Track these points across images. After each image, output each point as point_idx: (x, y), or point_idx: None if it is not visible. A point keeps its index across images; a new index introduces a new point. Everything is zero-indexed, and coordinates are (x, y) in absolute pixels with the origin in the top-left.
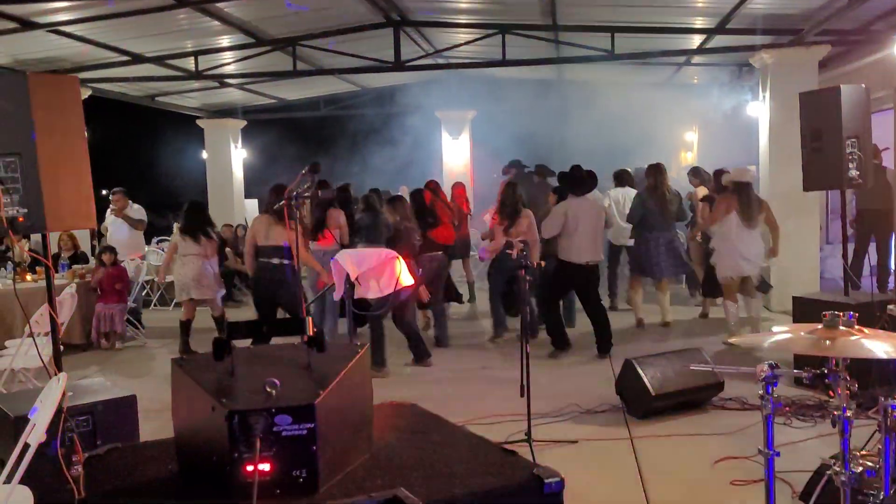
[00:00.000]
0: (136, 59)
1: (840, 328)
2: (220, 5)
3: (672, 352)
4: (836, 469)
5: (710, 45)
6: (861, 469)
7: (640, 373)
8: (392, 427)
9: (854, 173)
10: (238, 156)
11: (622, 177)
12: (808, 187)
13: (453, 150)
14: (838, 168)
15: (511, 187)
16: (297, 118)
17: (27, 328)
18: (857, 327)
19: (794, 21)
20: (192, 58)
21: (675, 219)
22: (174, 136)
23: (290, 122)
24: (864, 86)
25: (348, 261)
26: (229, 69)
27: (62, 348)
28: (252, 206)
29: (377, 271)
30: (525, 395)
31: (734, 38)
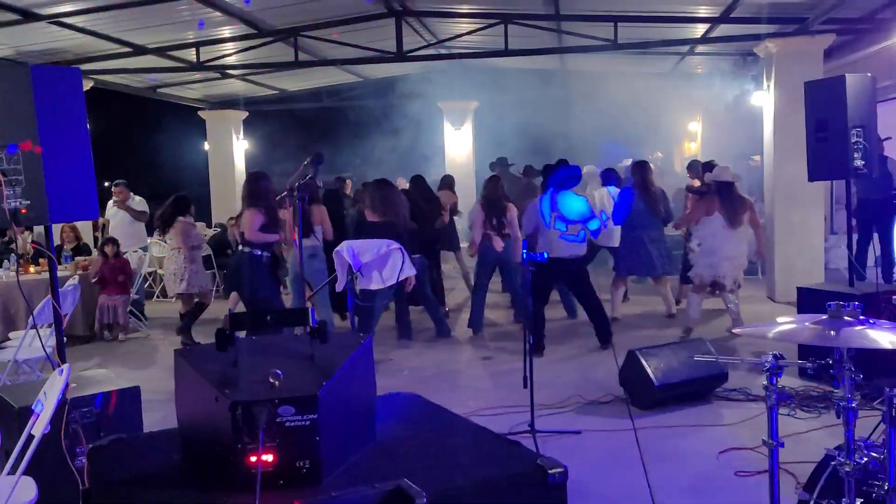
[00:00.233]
0: (138, 50)
1: (845, 318)
2: None
3: (676, 342)
4: (841, 460)
5: (714, 34)
6: (865, 460)
7: (644, 363)
8: (395, 418)
9: (859, 163)
10: (240, 147)
11: (609, 175)
12: (812, 177)
13: (456, 141)
14: (843, 158)
15: (493, 181)
16: (298, 109)
17: (30, 320)
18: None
19: (799, 10)
20: (194, 49)
21: (663, 217)
22: (176, 128)
23: (291, 113)
24: (869, 75)
25: (351, 252)
26: (231, 60)
27: (65, 340)
28: None
29: (379, 263)
30: (528, 385)
31: (738, 27)
